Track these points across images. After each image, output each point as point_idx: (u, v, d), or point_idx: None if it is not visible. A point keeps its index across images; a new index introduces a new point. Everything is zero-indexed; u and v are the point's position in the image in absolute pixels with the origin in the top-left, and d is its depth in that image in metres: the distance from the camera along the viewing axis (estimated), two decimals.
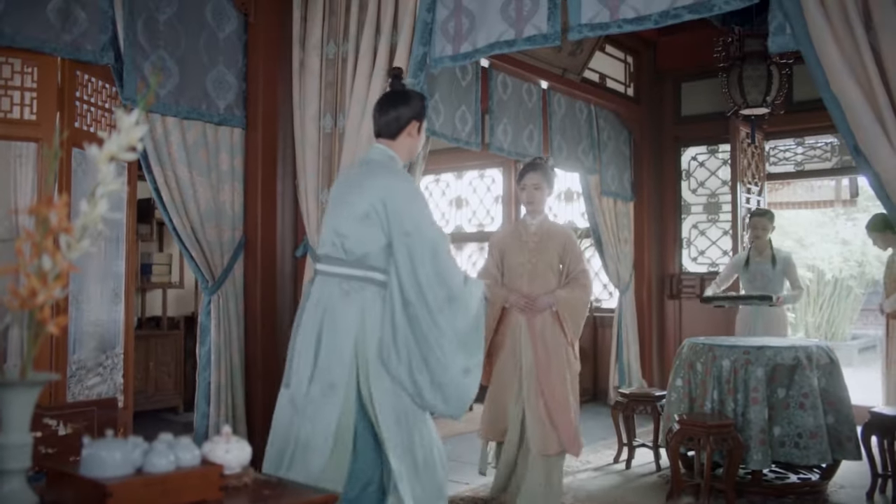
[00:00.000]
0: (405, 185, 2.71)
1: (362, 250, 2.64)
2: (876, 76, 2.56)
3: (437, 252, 2.61)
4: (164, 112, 3.69)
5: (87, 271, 3.50)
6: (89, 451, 1.51)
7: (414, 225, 2.60)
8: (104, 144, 1.46)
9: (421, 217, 2.63)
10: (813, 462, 4.32)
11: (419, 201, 2.70)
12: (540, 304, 3.83)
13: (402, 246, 2.58)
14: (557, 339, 3.84)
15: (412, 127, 2.83)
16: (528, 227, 3.97)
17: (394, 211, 2.60)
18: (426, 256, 2.58)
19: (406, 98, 2.85)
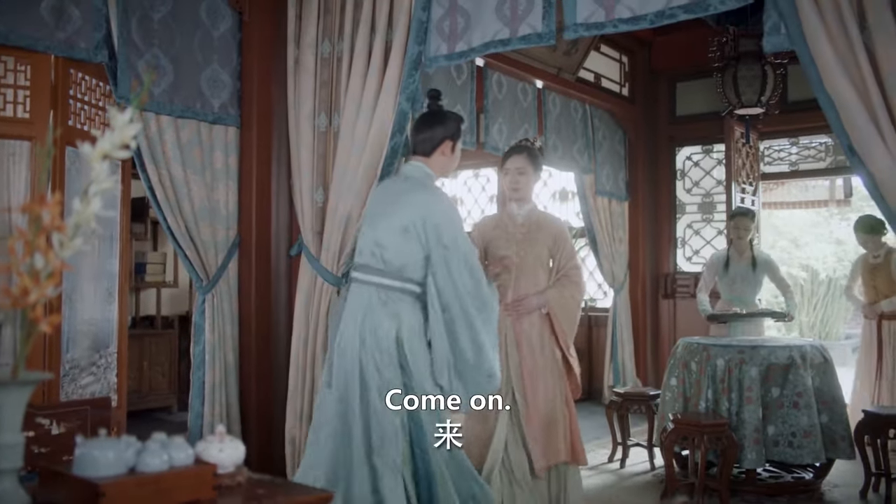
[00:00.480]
0: (442, 202, 2.87)
1: (401, 262, 2.79)
2: (870, 76, 2.56)
3: (471, 262, 2.79)
4: (158, 111, 3.68)
5: (81, 270, 3.48)
6: (82, 450, 1.50)
7: (451, 239, 2.76)
8: (97, 142, 1.46)
9: (457, 232, 2.80)
10: (807, 461, 4.33)
11: (455, 217, 2.87)
12: (528, 305, 3.48)
13: (440, 258, 2.75)
14: (547, 345, 3.51)
15: (446, 146, 2.97)
16: (515, 218, 3.61)
17: (433, 226, 2.76)
18: (462, 267, 2.76)
19: (442, 118, 3.00)
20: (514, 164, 3.56)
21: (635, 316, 7.23)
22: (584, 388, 7.60)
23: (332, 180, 3.84)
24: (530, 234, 3.57)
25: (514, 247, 3.53)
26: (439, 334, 2.73)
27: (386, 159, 3.62)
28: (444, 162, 2.98)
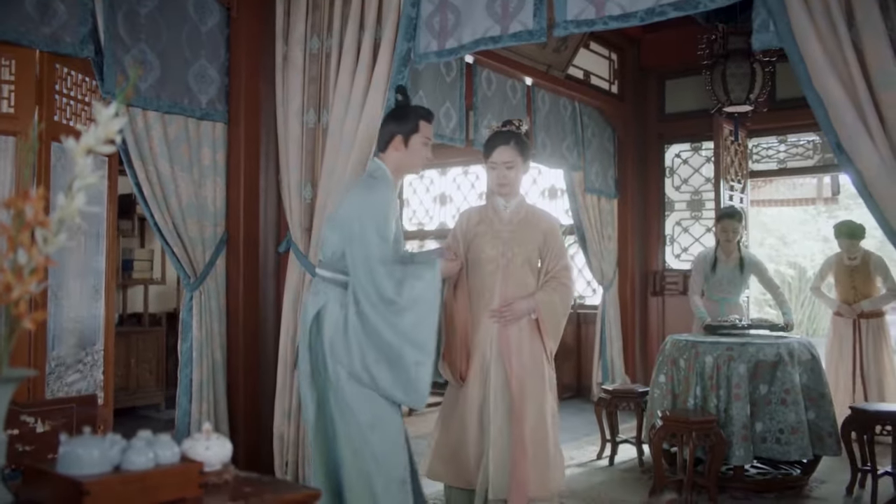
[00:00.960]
0: (367, 196, 2.88)
1: (331, 252, 2.91)
2: (858, 74, 2.57)
3: (370, 264, 2.77)
4: (144, 106, 3.65)
5: (67, 267, 3.46)
6: (66, 448, 1.48)
7: (359, 234, 2.79)
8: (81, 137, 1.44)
9: (366, 228, 2.79)
10: (794, 457, 4.35)
11: (372, 212, 2.82)
12: (517, 311, 3.16)
13: (349, 252, 2.82)
14: (536, 354, 3.20)
15: (397, 141, 2.98)
16: (502, 213, 3.28)
17: (349, 219, 2.83)
18: (360, 264, 2.78)
19: (396, 114, 3.04)
20: (500, 157, 3.20)
21: (624, 313, 7.25)
22: (573, 386, 7.63)
23: (320, 177, 3.82)
24: (519, 231, 3.24)
25: (500, 246, 3.21)
26: (353, 325, 2.78)
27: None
28: (399, 158, 2.99)
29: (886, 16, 2.56)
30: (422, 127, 3.01)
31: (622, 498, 4.29)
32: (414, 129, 2.99)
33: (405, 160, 3.01)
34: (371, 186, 2.93)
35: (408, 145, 2.99)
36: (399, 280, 2.79)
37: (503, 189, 3.25)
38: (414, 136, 2.99)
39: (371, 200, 2.86)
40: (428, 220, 9.50)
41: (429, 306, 2.82)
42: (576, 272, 8.50)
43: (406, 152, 2.99)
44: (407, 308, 2.79)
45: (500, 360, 3.14)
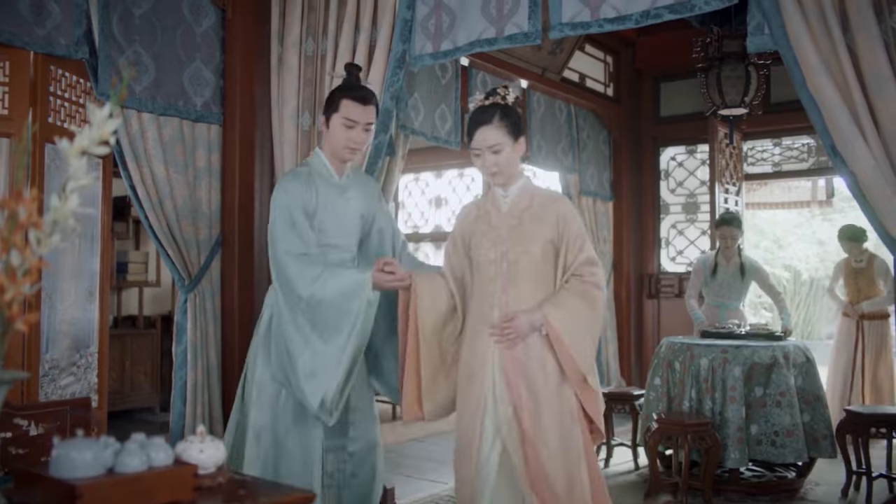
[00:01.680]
0: (279, 185, 2.81)
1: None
2: (853, 77, 2.58)
3: (275, 255, 2.71)
4: (139, 108, 3.65)
5: (61, 269, 3.45)
6: (59, 451, 1.48)
7: (270, 222, 2.75)
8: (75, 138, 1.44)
9: (273, 215, 2.74)
10: (789, 460, 4.36)
11: (276, 197, 2.76)
12: (519, 329, 2.47)
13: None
14: (552, 378, 2.49)
15: (322, 122, 2.89)
16: (500, 204, 2.64)
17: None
18: (271, 255, 2.73)
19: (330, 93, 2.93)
20: (483, 140, 2.54)
21: (619, 316, 7.25)
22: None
23: None
24: (522, 225, 2.57)
25: (500, 246, 2.56)
26: (276, 325, 2.73)
27: (370, 158, 3.61)
28: (327, 139, 2.87)
29: (880, 19, 2.57)
30: (343, 106, 2.79)
31: (617, 501, 4.28)
32: (334, 107, 2.80)
33: (330, 142, 2.85)
34: (284, 176, 2.87)
35: (329, 126, 2.83)
36: (314, 277, 2.63)
37: (495, 178, 2.60)
38: (334, 116, 2.80)
39: (279, 187, 2.79)
40: (423, 222, 9.50)
41: (338, 314, 2.59)
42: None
43: (328, 134, 2.84)
44: (312, 308, 2.62)
45: (506, 387, 2.49)
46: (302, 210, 2.72)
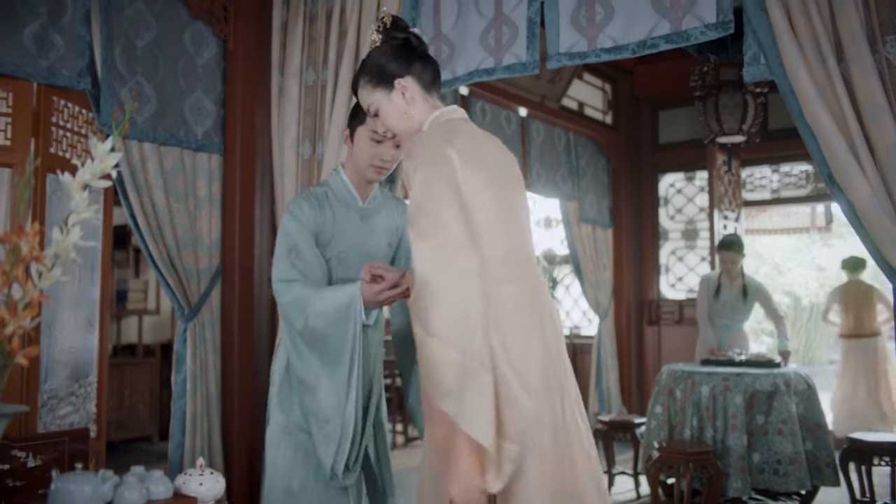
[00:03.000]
0: (289, 208, 2.47)
1: None
2: (848, 107, 2.60)
3: (273, 279, 2.41)
4: (141, 138, 3.67)
5: (61, 298, 3.44)
6: (58, 485, 1.47)
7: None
8: (77, 172, 1.45)
9: (278, 245, 2.43)
10: (792, 489, 4.33)
11: (281, 228, 2.44)
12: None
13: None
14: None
15: (345, 135, 2.53)
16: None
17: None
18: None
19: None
20: (366, 98, 2.04)
21: (620, 343, 7.24)
22: None
23: None
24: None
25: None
26: (292, 365, 2.37)
27: None
28: (350, 156, 2.51)
29: (874, 49, 2.59)
30: (369, 119, 2.38)
31: None
32: (360, 118, 2.42)
33: (354, 160, 2.48)
34: (304, 194, 2.52)
35: (353, 140, 2.48)
36: (305, 302, 2.28)
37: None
38: (360, 129, 2.44)
39: (289, 209, 2.44)
40: None
41: (336, 342, 2.23)
42: (570, 302, 8.51)
43: (352, 150, 2.49)
44: (311, 341, 2.27)
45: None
46: (311, 236, 2.38)
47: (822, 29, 2.62)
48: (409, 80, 1.94)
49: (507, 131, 5.87)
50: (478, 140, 1.84)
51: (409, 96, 1.94)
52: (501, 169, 1.84)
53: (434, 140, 1.74)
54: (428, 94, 1.96)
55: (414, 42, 1.99)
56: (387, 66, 1.96)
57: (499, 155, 1.88)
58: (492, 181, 1.77)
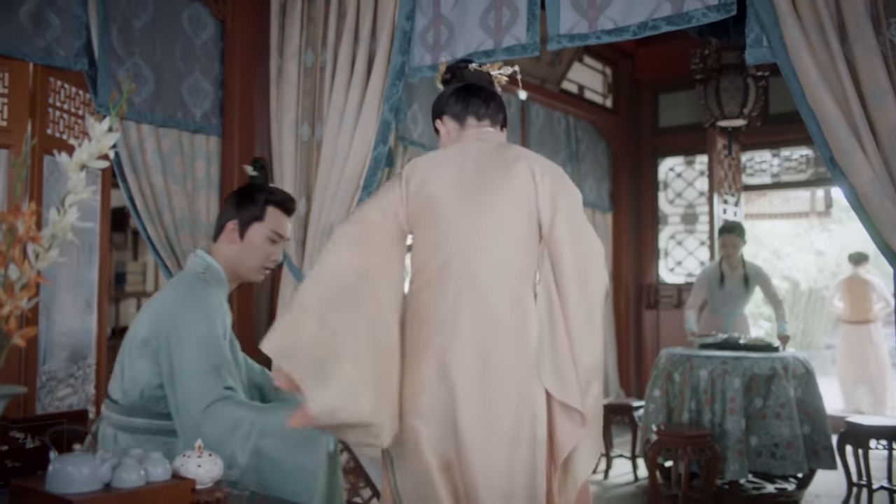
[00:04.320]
0: (179, 303, 2.15)
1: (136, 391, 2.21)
2: (851, 89, 2.58)
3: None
4: (138, 119, 3.64)
5: (59, 280, 3.43)
6: (56, 466, 1.47)
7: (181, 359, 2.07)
8: (74, 153, 1.44)
9: (188, 347, 2.09)
10: (789, 472, 4.35)
11: (192, 328, 2.10)
12: None
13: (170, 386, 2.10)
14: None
15: (229, 228, 2.28)
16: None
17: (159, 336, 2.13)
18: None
19: (239, 195, 2.33)
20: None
21: (619, 327, 7.25)
22: None
23: (315, 190, 3.81)
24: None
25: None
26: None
27: (368, 170, 3.61)
28: (233, 252, 2.27)
29: (878, 31, 2.57)
30: (270, 215, 2.30)
31: None
32: (257, 215, 2.28)
33: (242, 256, 2.28)
34: (181, 289, 2.23)
35: (244, 237, 2.28)
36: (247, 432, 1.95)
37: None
38: (255, 226, 2.27)
39: (188, 310, 2.14)
40: None
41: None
42: None
43: (242, 245, 2.28)
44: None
45: None
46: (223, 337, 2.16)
47: (826, 10, 2.60)
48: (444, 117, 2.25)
49: None
50: (442, 159, 2.09)
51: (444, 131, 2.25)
52: (457, 181, 2.02)
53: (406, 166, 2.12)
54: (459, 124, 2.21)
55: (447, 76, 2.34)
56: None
57: (462, 168, 2.05)
58: (436, 195, 2.00)
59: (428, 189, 2.00)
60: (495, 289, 1.93)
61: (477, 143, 2.09)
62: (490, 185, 1.97)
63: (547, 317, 1.92)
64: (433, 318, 1.92)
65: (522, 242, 1.98)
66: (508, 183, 1.97)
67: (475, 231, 1.95)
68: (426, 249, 1.99)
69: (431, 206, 1.99)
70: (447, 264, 1.95)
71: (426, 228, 2.00)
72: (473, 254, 1.94)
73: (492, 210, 1.96)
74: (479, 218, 1.96)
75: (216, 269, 2.25)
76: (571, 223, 1.97)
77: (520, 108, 6.01)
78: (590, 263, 1.95)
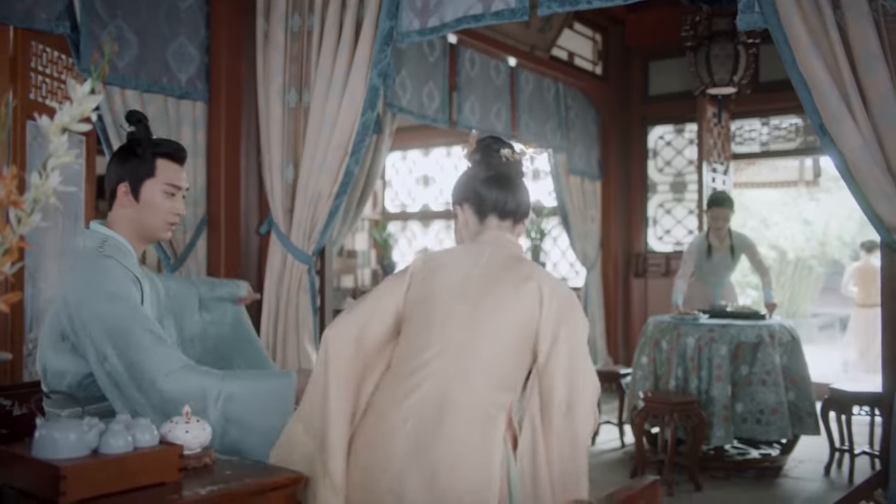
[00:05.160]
0: (81, 276, 2.03)
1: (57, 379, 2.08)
2: (843, 56, 2.56)
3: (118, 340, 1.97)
4: (123, 85, 3.59)
5: (44, 248, 3.41)
6: (43, 432, 1.46)
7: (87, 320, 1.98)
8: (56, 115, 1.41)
9: (95, 311, 1.98)
10: (774, 437, 4.40)
11: (93, 293, 1.99)
12: None
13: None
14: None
15: (121, 191, 2.13)
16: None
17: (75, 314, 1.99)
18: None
19: (126, 149, 2.16)
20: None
21: (607, 294, 7.28)
22: None
23: (302, 157, 3.78)
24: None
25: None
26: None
27: (356, 136, 3.57)
28: (132, 215, 2.14)
29: None
30: (161, 168, 2.15)
31: (603, 478, 4.31)
32: (147, 171, 2.14)
33: (140, 219, 2.15)
34: (82, 262, 2.09)
35: (139, 198, 2.14)
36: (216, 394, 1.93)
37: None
38: (148, 183, 2.14)
39: (87, 279, 2.02)
40: (410, 201, 9.47)
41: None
42: (558, 254, 8.53)
43: (139, 208, 2.14)
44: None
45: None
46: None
47: None
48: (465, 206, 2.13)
49: (496, 81, 5.79)
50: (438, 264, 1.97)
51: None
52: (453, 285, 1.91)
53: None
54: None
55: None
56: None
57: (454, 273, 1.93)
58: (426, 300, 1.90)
59: (431, 284, 1.91)
60: (468, 401, 1.78)
61: (492, 247, 1.97)
62: (494, 297, 1.86)
63: (530, 450, 1.79)
64: (393, 434, 1.78)
65: (511, 363, 1.84)
66: (514, 302, 1.84)
67: (466, 340, 1.83)
68: (411, 345, 1.87)
69: (430, 303, 1.88)
70: (427, 365, 1.82)
71: (418, 323, 1.88)
72: (457, 362, 1.81)
73: (489, 323, 1.83)
74: (475, 327, 1.83)
75: (114, 238, 2.12)
76: (570, 357, 1.82)
77: (509, 75, 5.97)
78: (579, 400, 1.80)
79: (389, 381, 1.87)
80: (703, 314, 4.83)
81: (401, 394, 1.82)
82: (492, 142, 2.11)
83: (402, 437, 1.77)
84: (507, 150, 2.09)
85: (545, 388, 1.80)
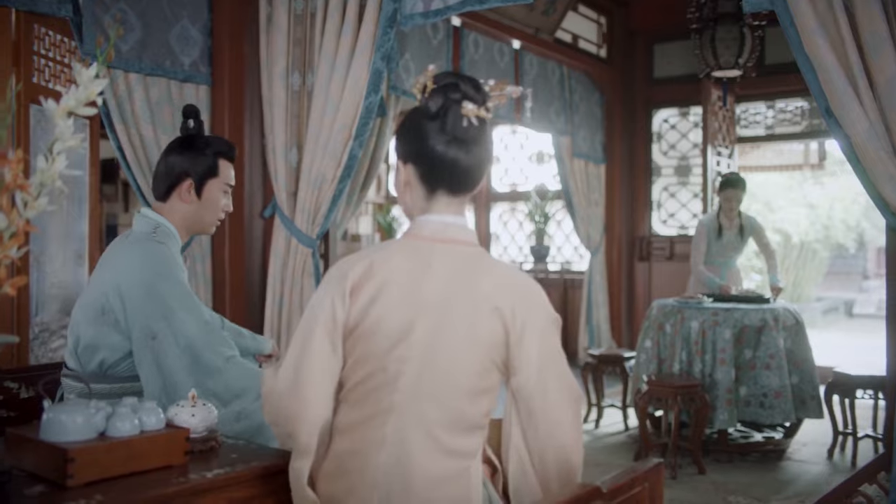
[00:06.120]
0: (147, 262, 2.06)
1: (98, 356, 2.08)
2: (849, 38, 2.55)
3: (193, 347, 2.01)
4: (126, 68, 3.58)
5: (49, 232, 3.41)
6: (50, 415, 1.47)
7: (159, 316, 2.01)
8: (61, 99, 1.41)
9: (166, 306, 2.01)
10: (777, 421, 4.41)
11: (163, 283, 2.04)
12: None
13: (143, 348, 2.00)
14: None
15: (184, 187, 2.18)
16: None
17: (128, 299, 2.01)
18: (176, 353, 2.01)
19: (188, 146, 2.20)
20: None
21: (611, 278, 7.28)
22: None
23: (306, 140, 3.78)
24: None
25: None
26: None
27: (360, 119, 3.57)
28: (190, 210, 2.20)
29: None
30: (222, 169, 2.23)
31: (607, 461, 4.33)
32: (212, 171, 2.21)
33: (198, 214, 2.23)
34: (145, 247, 2.12)
35: (202, 196, 2.21)
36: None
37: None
38: (212, 183, 2.21)
39: (156, 267, 2.08)
40: None
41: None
42: (562, 238, 8.53)
43: (198, 204, 2.21)
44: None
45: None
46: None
47: None
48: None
49: (499, 64, 5.77)
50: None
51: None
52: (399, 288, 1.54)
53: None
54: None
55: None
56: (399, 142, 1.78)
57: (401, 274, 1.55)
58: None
59: (375, 309, 1.51)
60: (432, 461, 1.49)
61: (442, 248, 1.56)
62: (450, 326, 1.51)
63: (520, 474, 1.57)
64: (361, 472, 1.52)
65: (477, 387, 1.53)
66: (473, 328, 1.51)
67: (424, 384, 1.51)
68: (359, 377, 1.54)
69: (376, 331, 1.52)
70: (382, 425, 1.52)
71: (364, 354, 1.53)
72: (416, 416, 1.50)
73: (448, 350, 1.51)
74: (434, 354, 1.51)
75: (166, 226, 2.18)
76: (543, 372, 1.55)
77: (513, 59, 5.94)
78: (563, 412, 1.56)
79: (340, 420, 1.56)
80: (707, 298, 4.82)
81: (360, 461, 1.52)
82: (452, 89, 1.60)
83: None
84: (472, 105, 1.57)
85: (526, 412, 1.55)
